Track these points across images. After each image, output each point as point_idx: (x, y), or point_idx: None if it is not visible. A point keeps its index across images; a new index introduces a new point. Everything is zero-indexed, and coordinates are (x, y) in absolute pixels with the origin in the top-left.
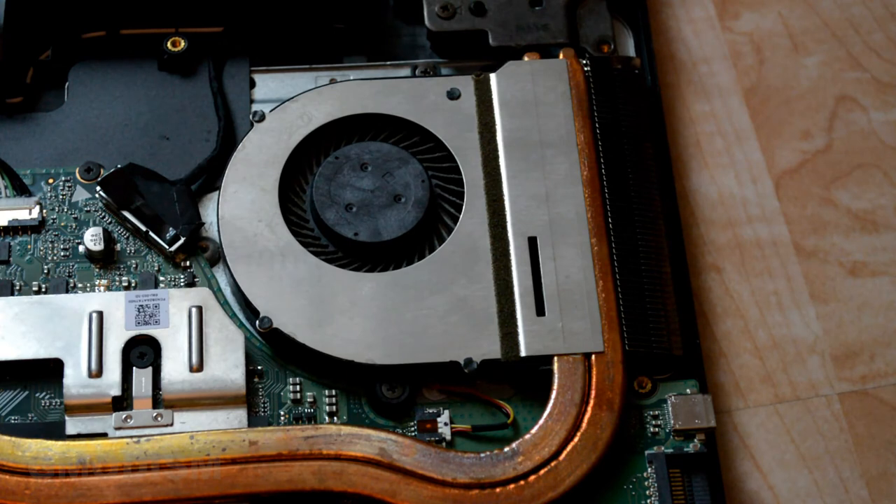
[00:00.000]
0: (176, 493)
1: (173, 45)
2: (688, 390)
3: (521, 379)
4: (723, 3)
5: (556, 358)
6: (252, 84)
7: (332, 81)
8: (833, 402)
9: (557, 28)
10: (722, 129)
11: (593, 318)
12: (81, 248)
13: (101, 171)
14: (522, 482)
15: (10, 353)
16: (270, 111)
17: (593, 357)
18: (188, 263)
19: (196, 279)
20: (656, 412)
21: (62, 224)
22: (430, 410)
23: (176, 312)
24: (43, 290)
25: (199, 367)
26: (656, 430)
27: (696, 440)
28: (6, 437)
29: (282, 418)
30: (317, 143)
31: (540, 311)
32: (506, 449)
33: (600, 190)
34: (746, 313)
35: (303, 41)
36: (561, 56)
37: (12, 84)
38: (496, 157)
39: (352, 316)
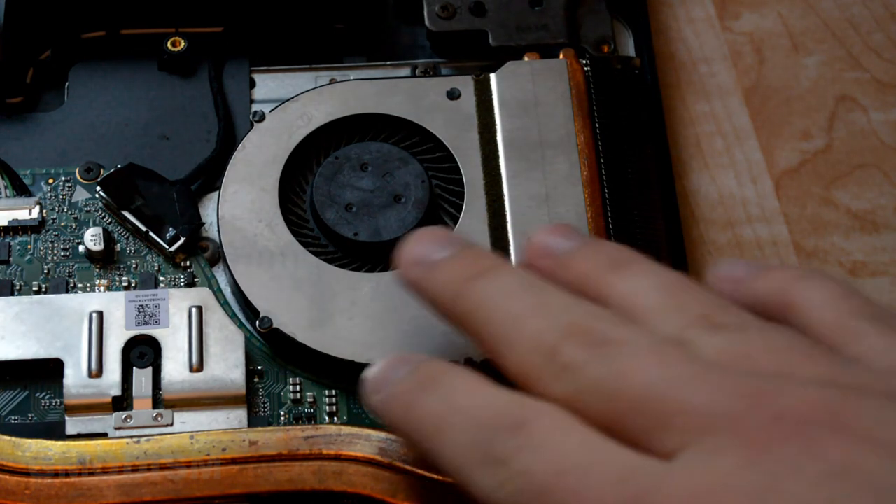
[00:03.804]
0: (176, 493)
1: (173, 45)
2: None
3: None
4: (723, 3)
5: None
6: (252, 84)
7: (332, 81)
8: None
9: (557, 28)
10: (722, 129)
11: None
12: (81, 248)
13: (101, 171)
14: None
15: (10, 353)
16: (270, 111)
17: None
18: (188, 263)
19: (196, 279)
20: None
21: (62, 224)
22: None
23: (176, 312)
24: (43, 290)
25: (199, 367)
26: None
27: None
28: (6, 437)
29: (282, 418)
30: (317, 143)
31: None
32: None
33: (600, 190)
34: None
35: (303, 41)
36: (561, 56)
37: (12, 84)
38: (496, 157)
39: (352, 316)
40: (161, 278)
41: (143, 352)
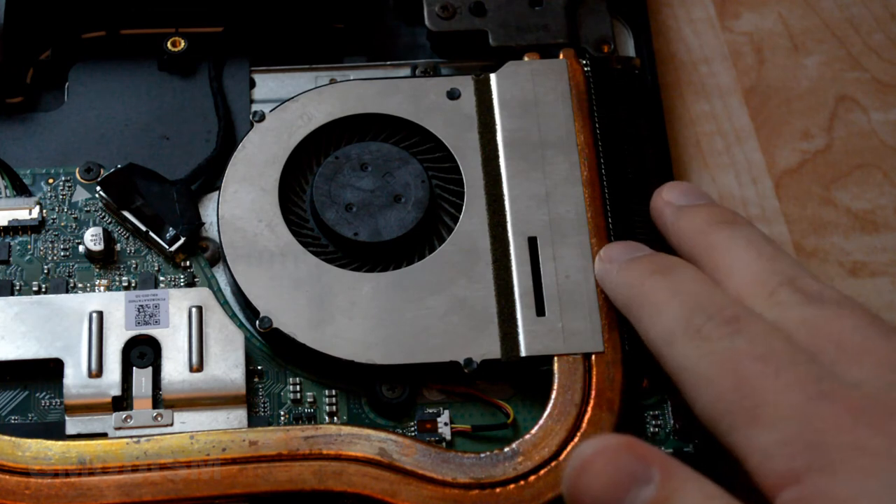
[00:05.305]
0: (176, 493)
1: (173, 45)
2: None
3: (521, 379)
4: (723, 3)
5: (556, 358)
6: (252, 84)
7: (332, 81)
8: None
9: (557, 28)
10: (722, 129)
11: (593, 318)
12: (81, 248)
13: (101, 171)
14: (522, 482)
15: (10, 353)
16: (270, 111)
17: (593, 357)
18: (188, 263)
19: (196, 279)
20: (656, 412)
21: (62, 224)
22: (430, 410)
23: (176, 312)
24: (43, 290)
25: (199, 367)
26: (656, 430)
27: (696, 440)
28: (6, 437)
29: (282, 418)
30: (317, 143)
31: (540, 311)
32: (506, 449)
33: (600, 190)
34: None
35: (303, 41)
36: (561, 56)
37: (12, 84)
38: (496, 157)
39: (352, 316)
40: (161, 278)
41: (143, 352)
